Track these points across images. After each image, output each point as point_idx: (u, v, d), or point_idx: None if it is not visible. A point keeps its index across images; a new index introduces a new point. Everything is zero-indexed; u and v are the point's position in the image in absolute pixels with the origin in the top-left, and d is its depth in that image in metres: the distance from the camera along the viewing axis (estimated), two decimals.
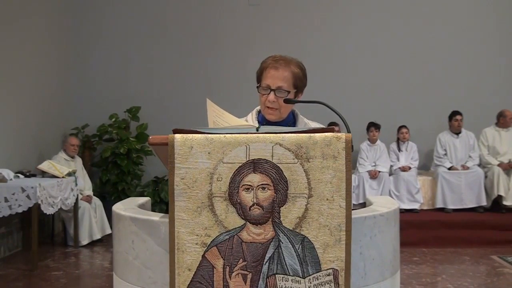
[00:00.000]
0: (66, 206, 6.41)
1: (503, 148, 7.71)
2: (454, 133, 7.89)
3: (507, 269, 5.75)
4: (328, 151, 1.66)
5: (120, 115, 8.31)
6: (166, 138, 1.69)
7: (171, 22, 8.64)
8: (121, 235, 1.92)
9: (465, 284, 5.19)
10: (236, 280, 1.66)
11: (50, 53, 7.78)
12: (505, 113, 7.79)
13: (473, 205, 7.47)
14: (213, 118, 1.96)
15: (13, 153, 6.59)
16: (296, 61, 2.30)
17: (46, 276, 5.51)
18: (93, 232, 6.99)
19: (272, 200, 1.66)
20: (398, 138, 8.06)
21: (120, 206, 2.05)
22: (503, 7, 8.56)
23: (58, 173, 6.45)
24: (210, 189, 1.67)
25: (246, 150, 1.66)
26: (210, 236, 1.67)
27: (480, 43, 8.53)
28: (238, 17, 8.64)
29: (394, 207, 1.99)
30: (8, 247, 6.35)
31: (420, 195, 7.62)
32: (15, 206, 5.57)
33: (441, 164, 7.77)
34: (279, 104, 2.26)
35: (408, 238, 6.32)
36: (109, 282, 5.19)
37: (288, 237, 1.66)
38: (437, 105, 8.36)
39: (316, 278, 1.66)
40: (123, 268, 1.91)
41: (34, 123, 7.18)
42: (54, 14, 7.95)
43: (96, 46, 8.63)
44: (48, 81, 7.69)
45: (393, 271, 1.92)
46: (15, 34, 6.73)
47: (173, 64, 8.63)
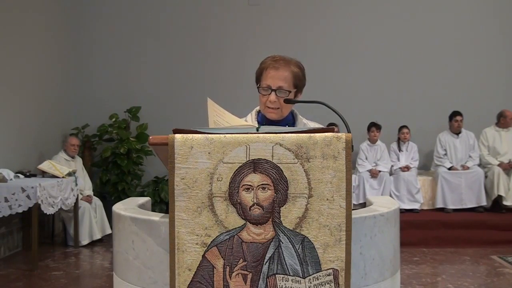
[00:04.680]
0: (66, 206, 6.41)
1: (503, 148, 7.72)
2: (454, 133, 7.89)
3: (507, 269, 5.75)
4: (328, 151, 1.66)
5: (120, 115, 8.31)
6: (166, 138, 1.69)
7: (171, 22, 8.63)
8: (121, 235, 1.92)
9: (465, 284, 5.19)
10: (236, 280, 1.66)
11: (50, 53, 7.78)
12: (505, 113, 7.79)
13: (473, 205, 7.47)
14: (214, 117, 1.96)
15: (13, 153, 6.59)
16: (295, 61, 2.31)
17: (46, 276, 5.51)
18: (93, 232, 6.99)
19: (272, 200, 1.66)
20: (399, 138, 8.06)
21: (120, 206, 2.05)
22: (504, 7, 8.56)
23: (58, 173, 6.45)
24: (210, 189, 1.67)
25: (246, 150, 1.66)
26: (210, 236, 1.67)
27: (480, 43, 8.53)
28: (238, 17, 8.64)
29: (394, 207, 1.99)
30: (8, 247, 6.35)
31: (420, 195, 7.62)
32: (15, 206, 5.57)
33: (441, 164, 7.78)
34: (280, 104, 2.26)
35: (408, 238, 6.32)
36: (109, 282, 5.19)
37: (288, 237, 1.66)
38: (437, 105, 8.36)
39: (316, 278, 1.66)
40: (123, 268, 1.91)
41: (34, 123, 7.18)
42: (54, 15, 7.95)
43: (96, 46, 8.63)
44: (48, 81, 7.69)
45: (393, 271, 1.92)
46: (15, 35, 6.73)
47: (173, 64, 8.63)
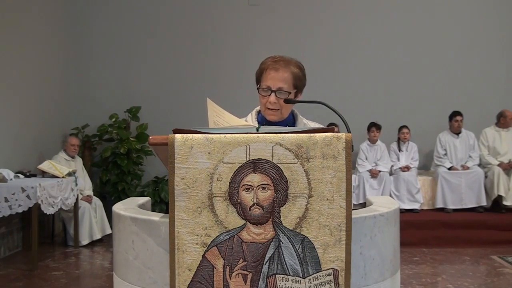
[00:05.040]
0: (66, 206, 6.41)
1: (503, 148, 7.72)
2: (454, 133, 7.89)
3: (507, 269, 5.75)
4: (328, 151, 1.66)
5: (120, 115, 8.31)
6: (166, 138, 1.69)
7: (171, 22, 8.63)
8: (121, 235, 1.92)
9: (465, 284, 5.19)
10: (236, 280, 1.66)
11: (50, 53, 7.78)
12: (505, 113, 7.79)
13: (473, 205, 7.47)
14: (214, 118, 1.96)
15: (13, 153, 6.59)
16: (295, 61, 2.29)
17: (46, 276, 5.51)
18: (93, 232, 6.99)
19: (272, 200, 1.66)
20: (399, 138, 8.05)
21: (120, 206, 2.05)
22: (504, 7, 8.56)
23: (58, 173, 6.45)
24: (210, 189, 1.67)
25: (246, 150, 1.66)
26: (210, 236, 1.67)
27: (480, 44, 8.53)
28: (238, 17, 8.63)
29: (394, 207, 1.99)
30: (8, 247, 6.35)
31: (420, 195, 7.62)
32: (15, 206, 5.57)
33: (441, 164, 7.77)
34: (280, 104, 2.26)
35: (408, 238, 6.32)
36: (109, 282, 5.19)
37: (288, 237, 1.66)
38: (437, 105, 8.35)
39: (316, 278, 1.66)
40: (123, 268, 1.91)
41: (34, 123, 7.18)
42: (54, 15, 7.95)
43: (96, 46, 8.63)
44: (48, 81, 7.69)
45: (393, 271, 1.92)
46: (15, 35, 6.73)
47: (173, 64, 8.63)
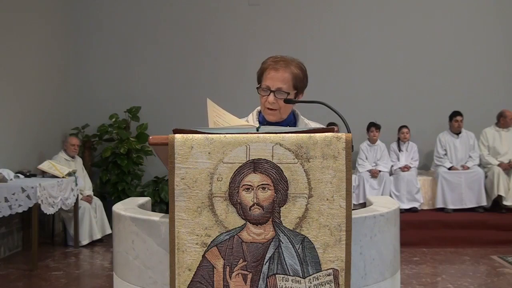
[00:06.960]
0: (66, 206, 6.41)
1: (503, 148, 7.72)
2: (454, 133, 7.89)
3: (507, 269, 5.75)
4: (328, 151, 1.66)
5: (120, 115, 8.31)
6: (166, 138, 1.69)
7: (171, 22, 8.63)
8: (121, 235, 1.92)
9: (465, 284, 5.19)
10: (236, 280, 1.66)
11: (50, 53, 7.78)
12: (505, 113, 7.79)
13: (473, 205, 7.47)
14: (214, 118, 1.96)
15: (13, 153, 6.59)
16: (296, 61, 2.28)
17: (46, 276, 5.51)
18: (93, 232, 6.99)
19: (272, 200, 1.66)
20: (399, 138, 8.06)
21: (120, 206, 2.05)
22: (504, 8, 8.56)
23: (58, 173, 6.45)
24: (210, 189, 1.67)
25: (246, 150, 1.66)
26: (210, 236, 1.67)
27: (480, 44, 8.53)
28: (238, 17, 8.63)
29: (394, 207, 1.99)
30: (8, 247, 6.35)
31: (420, 195, 7.62)
32: (15, 206, 5.57)
33: (441, 164, 7.77)
34: (279, 105, 2.25)
35: (408, 238, 6.31)
36: (109, 282, 5.19)
37: (288, 237, 1.66)
38: (437, 105, 8.35)
39: (316, 278, 1.66)
40: (123, 268, 1.91)
41: (34, 123, 7.18)
42: (54, 14, 7.95)
43: (96, 46, 8.63)
44: (48, 81, 7.69)
45: (393, 271, 1.92)
46: (15, 35, 6.73)
47: (173, 64, 8.63)
